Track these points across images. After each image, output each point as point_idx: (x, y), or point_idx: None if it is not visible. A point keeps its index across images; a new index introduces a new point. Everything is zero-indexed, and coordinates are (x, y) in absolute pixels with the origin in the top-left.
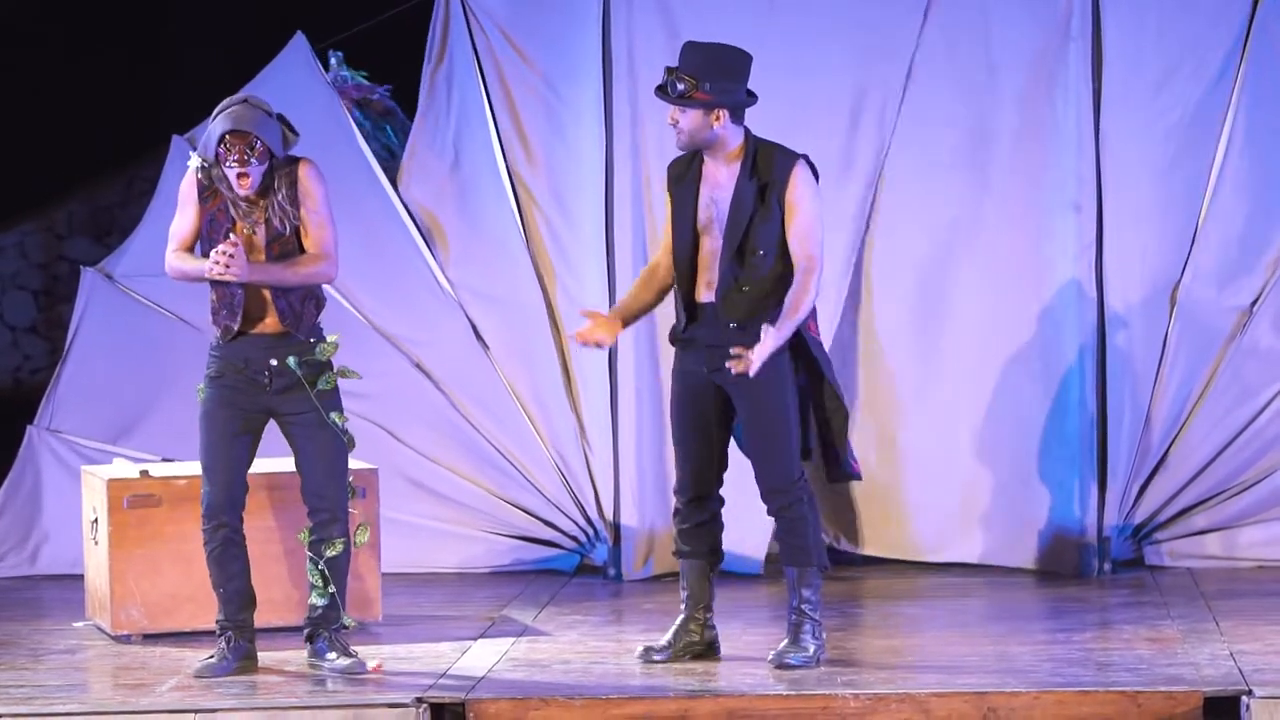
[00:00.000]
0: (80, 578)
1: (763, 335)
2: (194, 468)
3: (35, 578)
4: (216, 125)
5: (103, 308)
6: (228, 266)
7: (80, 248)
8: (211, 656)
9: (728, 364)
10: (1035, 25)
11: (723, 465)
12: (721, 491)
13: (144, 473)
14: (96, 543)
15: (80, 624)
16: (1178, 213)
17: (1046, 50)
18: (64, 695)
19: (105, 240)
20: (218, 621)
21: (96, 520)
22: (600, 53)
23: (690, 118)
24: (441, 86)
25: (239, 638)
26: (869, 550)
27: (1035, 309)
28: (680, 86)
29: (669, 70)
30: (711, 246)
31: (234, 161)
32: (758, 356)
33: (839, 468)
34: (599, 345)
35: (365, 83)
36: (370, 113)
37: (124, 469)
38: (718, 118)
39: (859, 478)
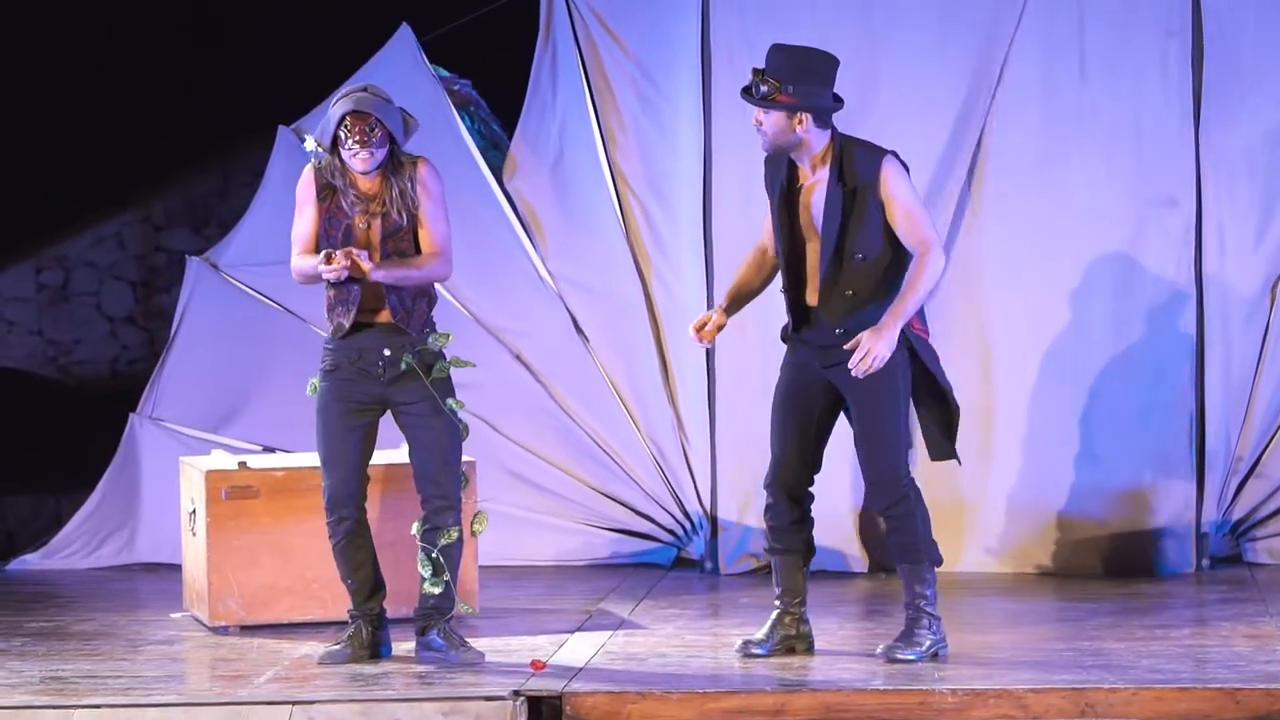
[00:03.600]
0: (178, 568)
1: (881, 319)
2: (293, 459)
3: (133, 568)
4: (336, 108)
5: (207, 297)
6: (344, 269)
7: (178, 239)
8: (338, 643)
9: (850, 366)
10: (1134, 21)
11: (816, 464)
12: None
13: (242, 464)
14: (194, 534)
15: (178, 615)
16: (1277, 206)
17: (1145, 46)
18: (162, 686)
19: (203, 231)
20: (348, 611)
21: (194, 512)
22: (699, 44)
23: (773, 120)
24: (546, 79)
25: (367, 626)
26: (959, 568)
27: (1133, 305)
28: (764, 89)
29: (755, 72)
30: (814, 250)
31: (354, 143)
32: (882, 340)
33: (946, 446)
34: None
35: (446, 74)
36: (452, 103)
37: (222, 460)
38: (800, 121)
39: (959, 460)
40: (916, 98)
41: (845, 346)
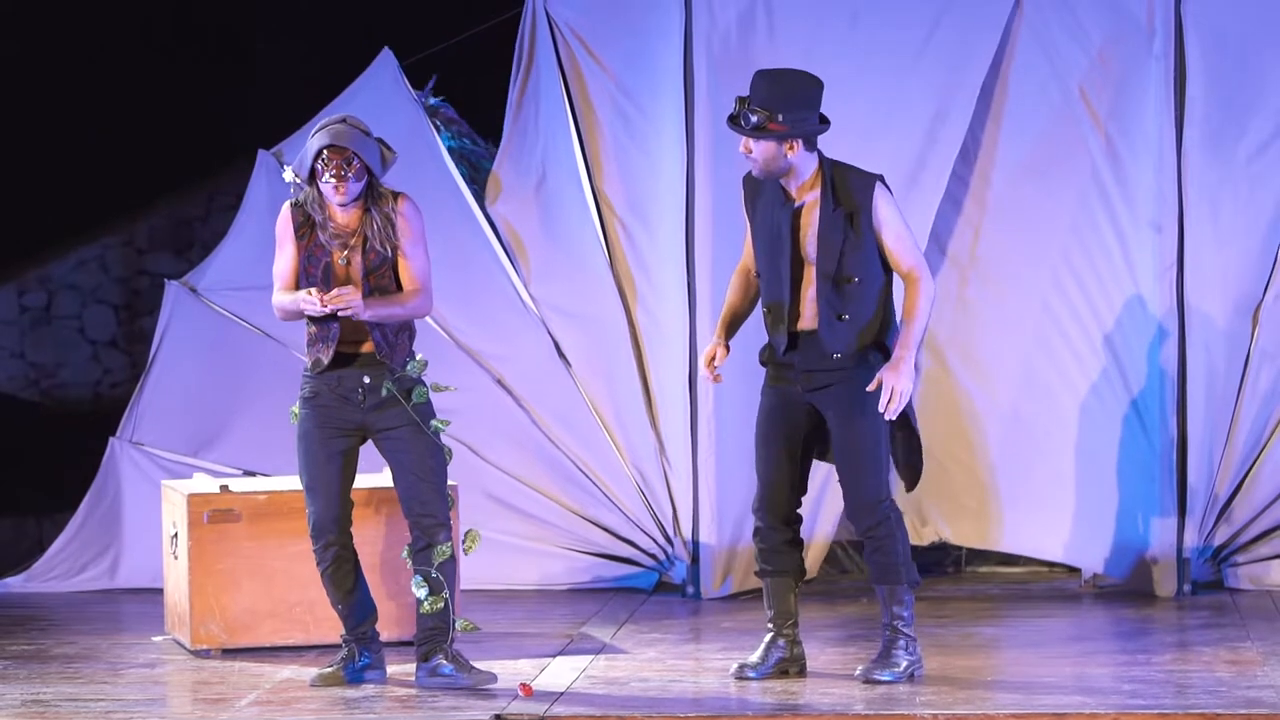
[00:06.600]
0: (159, 591)
1: (894, 355)
2: (275, 483)
3: (114, 591)
4: (314, 141)
5: (186, 321)
6: (344, 299)
7: (161, 262)
8: (331, 665)
9: (881, 409)
10: (1117, 45)
11: (803, 486)
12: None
13: (224, 488)
14: (176, 557)
15: (159, 638)
16: (1259, 233)
17: (1127, 69)
18: (143, 709)
19: (186, 255)
20: (340, 635)
21: (176, 535)
22: (682, 66)
23: (764, 148)
24: (530, 102)
25: (360, 650)
26: (967, 543)
27: (1115, 329)
28: (754, 118)
29: (741, 100)
30: (806, 274)
31: (330, 176)
32: (901, 376)
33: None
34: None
35: (424, 96)
36: (435, 121)
37: (204, 484)
38: (792, 147)
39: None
40: (897, 120)
41: (869, 389)
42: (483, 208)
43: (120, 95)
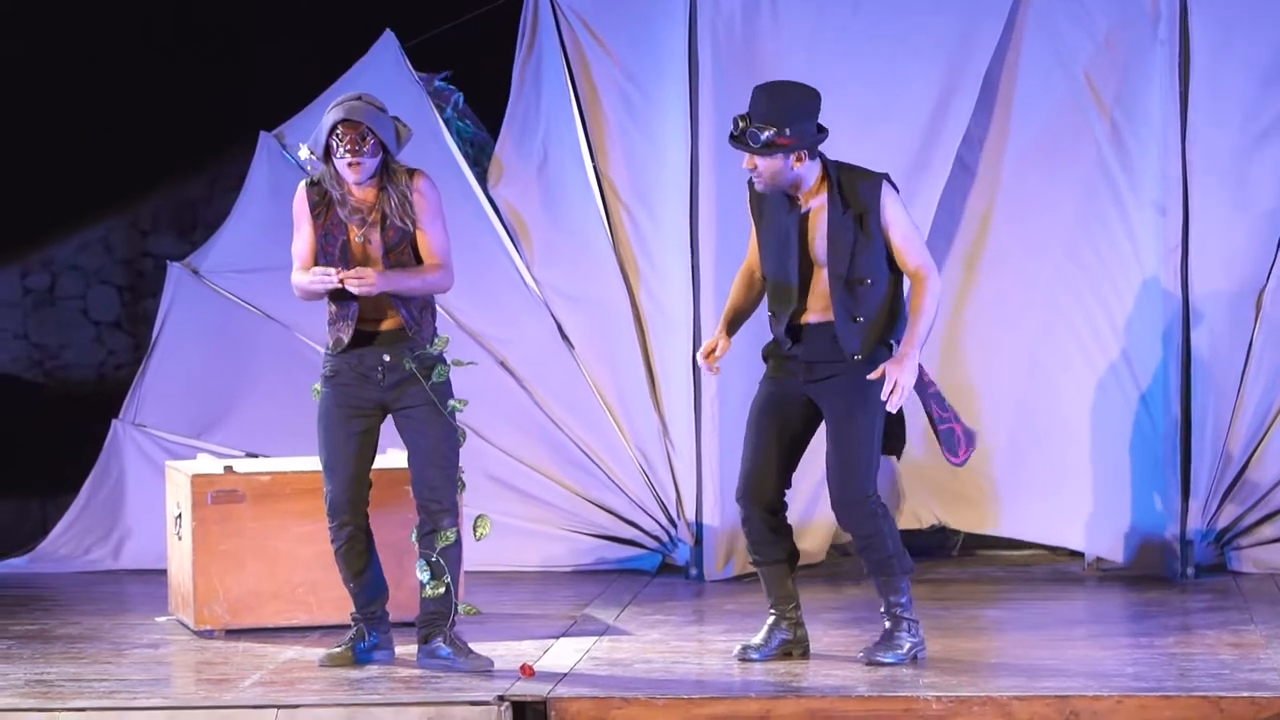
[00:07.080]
0: (163, 572)
1: (899, 349)
2: (279, 464)
3: (118, 572)
4: (328, 117)
5: (189, 303)
6: (360, 281)
7: (164, 243)
8: (339, 646)
9: (884, 398)
10: (1122, 30)
11: (788, 479)
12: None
13: (228, 468)
14: (180, 538)
15: (163, 619)
16: (1264, 216)
17: (1133, 54)
18: (147, 689)
19: (189, 236)
20: (350, 614)
21: (180, 516)
22: (686, 51)
23: (770, 163)
24: (531, 85)
25: (369, 629)
26: (965, 528)
27: (1119, 312)
28: (764, 135)
29: (743, 119)
30: (815, 275)
31: (345, 151)
32: (905, 370)
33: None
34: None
35: (422, 74)
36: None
37: (208, 464)
38: (800, 158)
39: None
40: (900, 107)
41: (870, 377)
42: (485, 190)
43: (120, 95)
